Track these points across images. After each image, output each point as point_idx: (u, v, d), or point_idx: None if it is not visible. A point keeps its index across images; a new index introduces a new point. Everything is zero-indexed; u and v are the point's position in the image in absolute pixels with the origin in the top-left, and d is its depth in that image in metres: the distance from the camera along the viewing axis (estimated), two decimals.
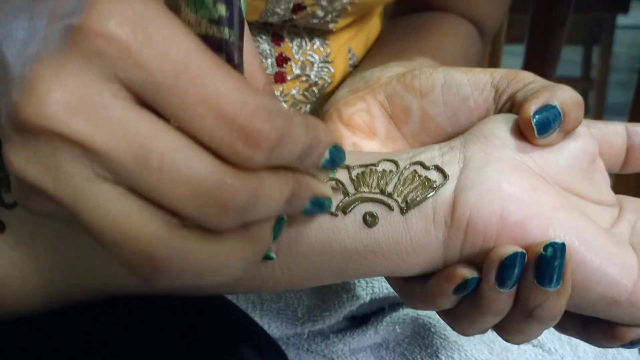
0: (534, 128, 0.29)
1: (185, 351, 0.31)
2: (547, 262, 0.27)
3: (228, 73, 0.20)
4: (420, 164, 0.30)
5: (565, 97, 0.30)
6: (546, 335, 0.45)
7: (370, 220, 0.29)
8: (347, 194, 0.30)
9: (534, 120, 0.29)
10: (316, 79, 0.48)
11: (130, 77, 0.20)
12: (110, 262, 0.29)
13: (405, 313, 0.44)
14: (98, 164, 0.20)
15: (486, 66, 0.91)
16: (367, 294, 0.43)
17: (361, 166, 0.31)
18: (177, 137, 0.20)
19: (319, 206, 0.27)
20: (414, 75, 0.35)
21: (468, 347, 0.43)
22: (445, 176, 0.29)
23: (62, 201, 0.21)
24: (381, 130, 0.36)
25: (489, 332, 0.31)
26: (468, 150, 0.30)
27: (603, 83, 2.02)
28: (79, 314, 0.31)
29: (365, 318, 0.45)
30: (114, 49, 0.20)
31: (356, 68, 0.50)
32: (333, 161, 0.25)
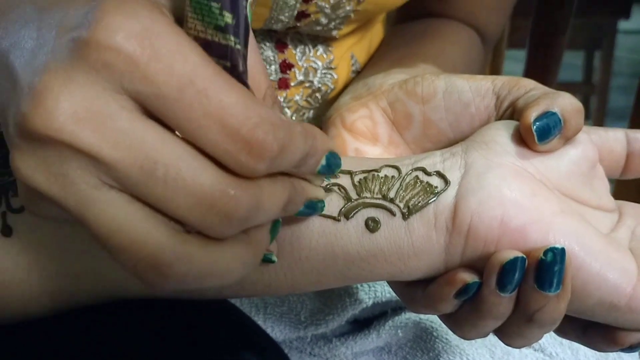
0: (535, 134, 0.29)
1: (188, 354, 0.31)
2: (547, 267, 0.27)
3: (232, 86, 0.21)
4: (422, 170, 0.30)
5: (565, 104, 0.30)
6: (547, 339, 0.45)
7: (372, 225, 0.29)
8: (350, 200, 0.30)
9: (535, 126, 0.29)
10: (319, 85, 0.48)
11: (137, 90, 0.20)
12: (116, 266, 0.29)
13: (407, 317, 0.44)
14: (104, 173, 0.20)
15: (488, 71, 0.91)
16: (370, 298, 0.43)
17: (363, 172, 0.31)
18: (182, 148, 0.21)
19: (313, 208, 0.27)
20: (416, 81, 0.35)
21: (470, 351, 0.43)
22: (446, 182, 0.30)
23: (69, 208, 0.21)
24: (383, 136, 0.36)
25: (491, 336, 0.32)
26: (469, 156, 0.30)
27: (604, 87, 2.02)
28: (80, 316, 0.31)
29: (367, 322, 0.45)
30: (121, 62, 0.20)
31: (359, 74, 0.50)
32: (329, 167, 0.25)
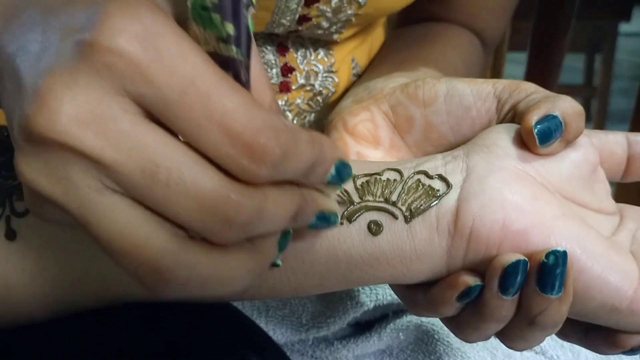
0: (536, 138, 0.29)
1: (188, 355, 0.31)
2: (549, 270, 0.27)
3: (235, 89, 0.21)
4: (424, 173, 0.31)
5: (566, 108, 0.30)
6: (549, 342, 0.45)
7: (374, 228, 0.29)
8: (352, 203, 0.30)
9: (536, 130, 0.29)
10: (320, 89, 0.48)
11: (139, 92, 0.20)
12: (119, 270, 0.29)
13: (408, 320, 0.44)
14: (106, 176, 0.21)
15: (489, 73, 0.91)
16: (371, 301, 0.43)
17: (366, 175, 0.31)
18: (184, 152, 0.21)
19: (325, 221, 0.27)
20: (417, 85, 0.35)
21: (471, 354, 0.43)
22: (448, 185, 0.30)
23: (71, 211, 0.21)
24: (385, 139, 0.36)
25: (492, 339, 0.32)
26: (471, 159, 0.30)
27: (605, 90, 2.02)
28: (80, 316, 0.31)
29: (369, 325, 0.45)
30: (124, 65, 0.20)
31: (360, 78, 0.50)
32: (339, 176, 0.25)
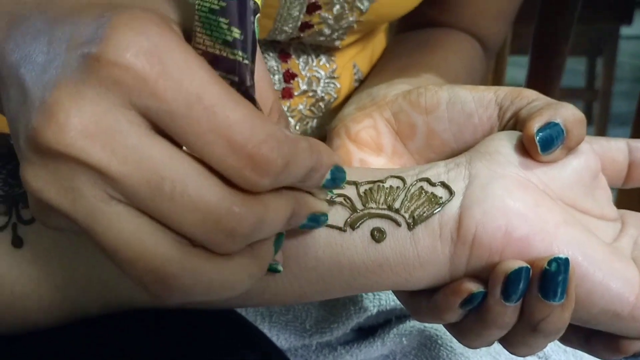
0: (538, 145, 0.30)
1: (191, 359, 0.32)
2: (552, 277, 0.27)
3: (239, 103, 0.21)
4: (426, 181, 0.31)
5: (568, 115, 0.30)
6: (551, 347, 0.45)
7: (378, 235, 0.29)
8: (355, 210, 0.30)
9: (538, 137, 0.30)
10: (322, 94, 0.48)
11: (145, 105, 0.21)
12: (124, 277, 0.29)
13: (411, 325, 0.44)
14: (112, 187, 0.21)
15: (491, 77, 0.91)
16: (374, 306, 0.43)
17: (369, 182, 0.31)
18: (189, 165, 0.21)
19: (316, 221, 0.27)
20: (420, 92, 0.36)
21: (474, 359, 0.43)
22: (451, 192, 0.30)
23: (78, 221, 0.21)
24: (388, 146, 0.37)
25: (495, 345, 0.32)
26: (473, 167, 0.30)
27: (607, 93, 2.02)
28: (82, 321, 0.31)
29: (372, 330, 0.45)
30: (131, 79, 0.20)
31: (362, 84, 0.50)
32: (334, 181, 0.26)
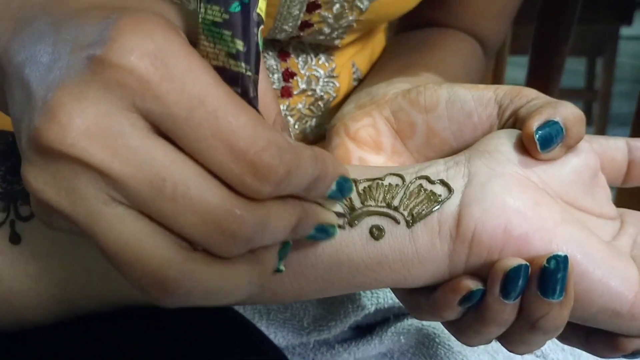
0: (537, 143, 0.30)
1: (190, 358, 0.31)
2: (550, 274, 0.27)
3: (241, 108, 0.21)
4: (425, 178, 0.31)
5: (567, 113, 0.30)
6: (549, 346, 0.45)
7: (376, 233, 0.29)
8: (354, 208, 0.30)
9: (537, 135, 0.30)
10: (322, 94, 0.48)
11: (148, 108, 0.21)
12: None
13: (409, 323, 0.44)
14: (114, 189, 0.21)
15: (490, 77, 0.91)
16: (372, 304, 0.43)
17: (368, 180, 0.31)
18: (191, 167, 0.21)
19: (324, 233, 0.27)
20: (419, 91, 0.36)
21: (472, 358, 0.43)
22: (450, 190, 0.30)
23: (78, 222, 0.21)
24: (387, 144, 0.37)
25: (493, 343, 0.32)
26: (472, 165, 0.31)
27: (607, 94, 2.02)
28: (80, 319, 0.31)
29: (370, 328, 0.45)
30: (134, 81, 0.20)
31: (362, 83, 0.50)
32: (340, 192, 0.26)
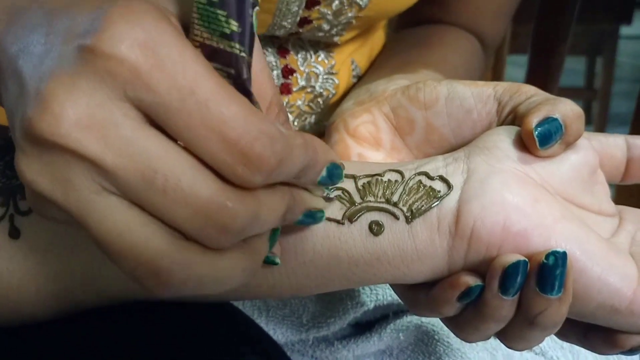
0: (536, 140, 0.30)
1: (190, 357, 0.31)
2: (549, 271, 0.27)
3: (233, 98, 0.21)
4: (425, 174, 0.31)
5: (566, 110, 0.30)
6: (548, 343, 0.45)
7: (376, 228, 0.30)
8: (354, 203, 0.30)
9: (536, 132, 0.30)
10: (321, 90, 0.48)
11: (139, 98, 0.21)
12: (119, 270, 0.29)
13: (409, 320, 0.44)
14: (106, 179, 0.21)
15: (490, 76, 0.91)
16: (371, 301, 0.43)
17: (367, 176, 0.31)
18: (183, 158, 0.21)
19: (312, 218, 0.27)
20: (418, 88, 0.36)
21: (471, 354, 0.43)
22: (449, 186, 0.30)
23: (71, 212, 0.21)
24: (386, 141, 0.37)
25: (492, 340, 0.32)
26: (472, 161, 0.31)
27: (606, 93, 2.02)
28: (80, 315, 0.31)
29: (369, 325, 0.45)
30: (125, 71, 0.20)
31: (361, 80, 0.50)
32: (330, 178, 0.26)
